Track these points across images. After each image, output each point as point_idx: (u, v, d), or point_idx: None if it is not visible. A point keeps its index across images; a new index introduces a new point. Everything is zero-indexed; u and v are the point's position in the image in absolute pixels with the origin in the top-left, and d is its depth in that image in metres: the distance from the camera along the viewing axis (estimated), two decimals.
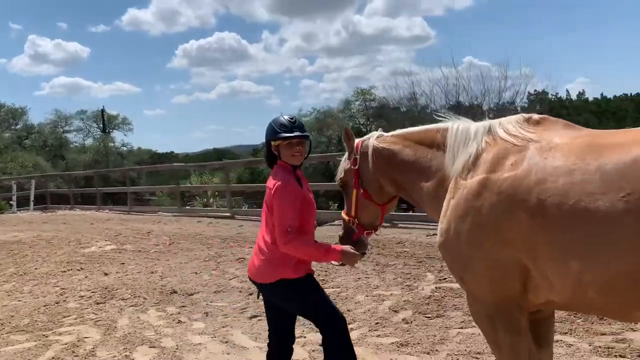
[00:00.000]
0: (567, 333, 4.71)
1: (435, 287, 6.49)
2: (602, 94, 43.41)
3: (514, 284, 2.35)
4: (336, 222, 12.17)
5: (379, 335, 5.09)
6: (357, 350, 4.69)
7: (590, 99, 42.75)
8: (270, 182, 3.28)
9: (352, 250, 3.25)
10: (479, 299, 2.48)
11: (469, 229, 2.43)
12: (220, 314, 6.15)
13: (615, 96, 42.01)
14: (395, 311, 5.75)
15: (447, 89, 29.26)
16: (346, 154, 3.37)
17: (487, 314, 2.46)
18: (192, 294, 7.11)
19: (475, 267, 2.43)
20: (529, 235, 2.24)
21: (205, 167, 23.36)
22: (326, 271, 7.70)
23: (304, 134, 3.30)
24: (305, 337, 5.17)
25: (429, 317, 5.47)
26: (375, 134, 3.28)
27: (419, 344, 4.79)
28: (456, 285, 6.39)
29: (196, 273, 8.37)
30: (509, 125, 2.52)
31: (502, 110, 28.27)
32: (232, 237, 11.77)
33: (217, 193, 21.01)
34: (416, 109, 35.52)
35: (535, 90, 36.50)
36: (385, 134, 3.24)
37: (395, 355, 4.58)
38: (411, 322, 5.36)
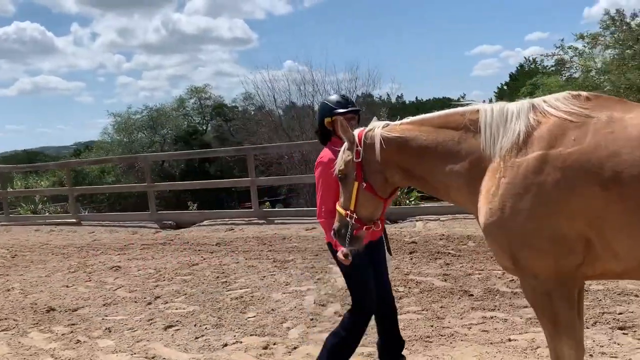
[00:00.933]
0: (494, 309, 5.04)
1: None
2: (417, 97, 48.14)
3: (576, 257, 2.41)
4: (205, 223, 11.60)
5: (321, 331, 4.90)
6: (308, 348, 4.50)
7: (407, 101, 47.13)
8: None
9: (342, 257, 3.35)
10: (537, 276, 2.48)
11: (531, 205, 2.42)
12: (126, 328, 5.40)
13: (427, 99, 46.94)
14: (323, 305, 5.61)
15: (283, 89, 29.44)
16: (344, 145, 3.17)
17: (546, 290, 2.48)
18: (75, 310, 6.15)
19: (538, 243, 2.43)
20: (599, 206, 2.30)
21: (40, 167, 20.70)
22: (226, 273, 7.26)
23: (357, 108, 3.68)
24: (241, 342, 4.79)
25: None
26: (380, 123, 3.12)
27: (365, 334, 4.72)
28: None
29: (67, 286, 7.28)
30: (557, 103, 2.56)
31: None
32: (89, 245, 10.50)
33: (45, 198, 18.58)
34: (252, 109, 35.57)
35: (363, 93, 38.98)
36: (393, 122, 3.10)
37: None
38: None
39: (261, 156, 18.69)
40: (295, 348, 4.58)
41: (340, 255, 3.33)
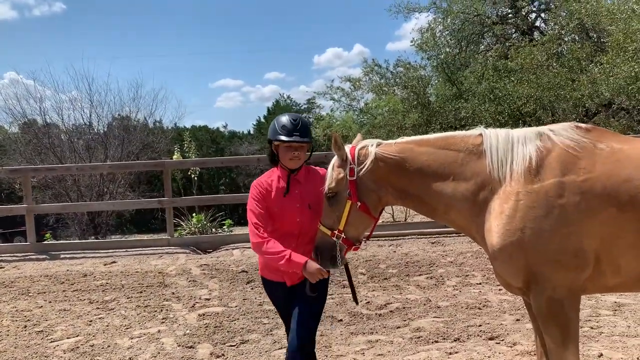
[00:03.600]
0: (373, 333, 5.13)
1: (198, 315, 5.87)
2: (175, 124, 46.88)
3: (587, 271, 2.60)
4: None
5: None
6: None
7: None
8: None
9: (317, 266, 2.99)
10: (555, 286, 2.59)
11: (554, 226, 2.55)
12: None
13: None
14: (191, 347, 4.94)
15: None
16: (333, 161, 2.91)
17: (559, 298, 2.61)
18: None
19: (562, 258, 2.56)
20: (614, 226, 2.55)
21: None
22: (34, 321, 5.83)
23: (304, 139, 3.11)
24: None
25: (234, 346, 4.94)
26: (374, 141, 2.95)
27: None
28: (220, 309, 5.98)
29: None
30: (562, 132, 2.77)
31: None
32: None
33: None
34: None
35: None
36: (387, 141, 2.96)
37: None
38: (224, 354, 4.72)
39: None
40: None
41: (314, 271, 2.96)
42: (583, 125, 2.84)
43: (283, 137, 3.10)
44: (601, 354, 4.31)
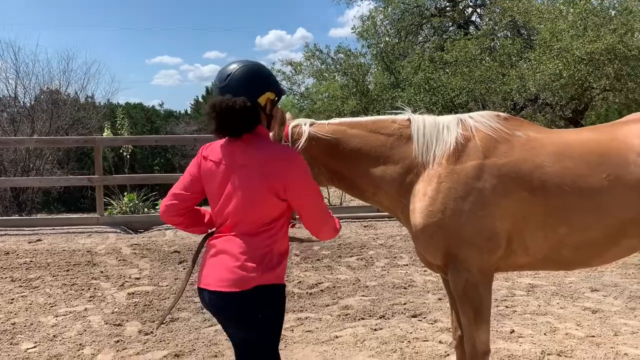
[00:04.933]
0: (302, 311, 5.27)
1: (127, 294, 5.80)
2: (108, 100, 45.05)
3: (500, 252, 2.80)
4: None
5: (138, 353, 4.29)
6: None
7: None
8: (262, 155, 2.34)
9: None
10: (471, 269, 2.77)
11: (472, 207, 2.72)
12: None
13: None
14: (119, 325, 4.88)
15: None
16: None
17: (474, 282, 2.78)
18: None
19: (477, 240, 2.74)
20: (525, 209, 2.74)
21: None
22: None
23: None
24: None
25: (163, 323, 4.93)
26: (307, 120, 2.99)
27: (193, 350, 4.35)
28: (150, 288, 5.94)
29: None
30: (482, 119, 2.93)
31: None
32: None
33: None
34: None
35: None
36: (320, 121, 3.02)
37: None
38: (153, 331, 4.72)
39: None
40: None
41: None
42: (502, 114, 3.04)
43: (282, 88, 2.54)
44: (513, 330, 4.64)
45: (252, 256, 2.30)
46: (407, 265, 6.86)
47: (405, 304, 5.39)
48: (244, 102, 2.27)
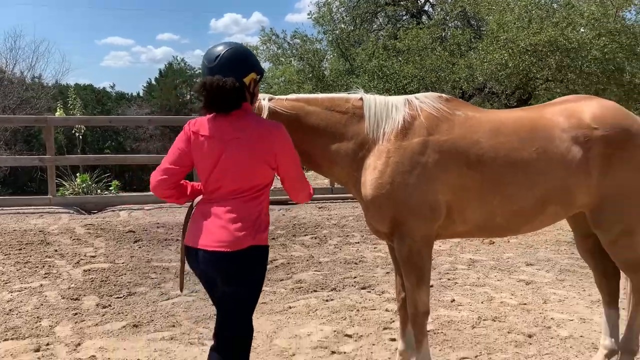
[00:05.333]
0: None
1: (83, 270, 5.86)
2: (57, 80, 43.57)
3: (441, 221, 3.07)
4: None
5: (97, 324, 4.41)
6: (98, 342, 4.06)
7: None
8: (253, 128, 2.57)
9: None
10: (414, 235, 3.03)
11: (417, 180, 2.99)
12: None
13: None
14: (76, 299, 4.97)
15: None
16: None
17: (417, 247, 3.05)
18: None
19: (419, 209, 3.01)
20: (464, 181, 3.02)
21: None
22: None
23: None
24: None
25: (121, 297, 5.06)
26: (265, 95, 3.16)
27: (151, 321, 4.51)
28: (107, 265, 6.02)
29: None
30: (427, 100, 3.19)
31: None
32: None
33: None
34: None
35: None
36: (278, 97, 3.21)
37: (153, 337, 4.20)
38: (110, 304, 4.84)
39: None
40: (79, 344, 4.02)
41: None
42: (444, 95, 3.32)
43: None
44: (453, 300, 5.01)
45: (246, 220, 2.56)
46: (358, 243, 7.18)
47: (355, 277, 5.69)
48: (234, 83, 2.48)
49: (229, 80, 2.48)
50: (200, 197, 2.74)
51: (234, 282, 2.57)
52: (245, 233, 2.54)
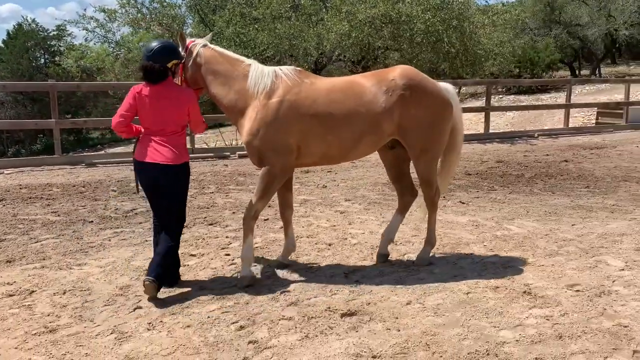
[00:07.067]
0: (119, 228, 6.41)
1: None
2: None
3: (293, 155, 4.45)
4: None
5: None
6: None
7: None
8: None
9: None
10: (274, 166, 4.38)
11: (276, 128, 4.35)
12: None
13: None
14: None
15: None
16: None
17: (274, 175, 4.42)
18: None
19: (278, 149, 4.36)
20: (306, 127, 4.39)
21: None
22: None
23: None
24: None
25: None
26: (202, 41, 4.61)
27: (23, 257, 5.28)
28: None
29: None
30: (287, 71, 4.52)
31: None
32: None
33: None
34: None
35: None
36: (211, 45, 4.64)
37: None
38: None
39: None
40: None
41: None
42: (298, 68, 4.71)
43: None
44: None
45: (178, 146, 4.41)
46: (212, 193, 8.30)
47: (206, 217, 6.84)
48: (159, 67, 4.28)
49: (156, 65, 4.28)
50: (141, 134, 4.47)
51: (173, 183, 4.37)
52: (180, 154, 4.39)
